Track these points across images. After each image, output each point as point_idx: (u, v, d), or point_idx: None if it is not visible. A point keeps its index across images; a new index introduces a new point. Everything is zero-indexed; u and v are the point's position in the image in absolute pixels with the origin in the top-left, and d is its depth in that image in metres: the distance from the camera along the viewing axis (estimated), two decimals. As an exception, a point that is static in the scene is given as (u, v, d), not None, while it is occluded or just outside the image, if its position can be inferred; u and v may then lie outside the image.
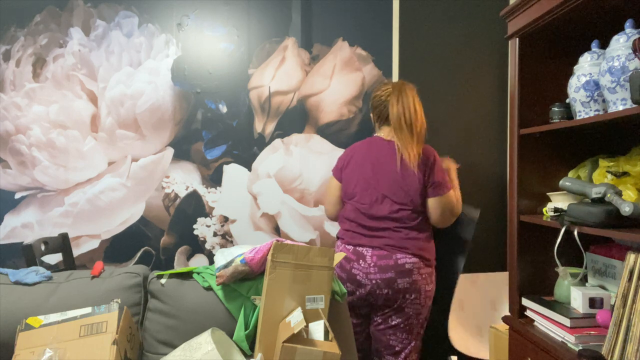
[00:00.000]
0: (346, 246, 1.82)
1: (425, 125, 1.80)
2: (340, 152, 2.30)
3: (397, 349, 1.82)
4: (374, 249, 1.76)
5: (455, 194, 1.85)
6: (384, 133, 1.85)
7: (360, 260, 1.77)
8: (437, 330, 2.30)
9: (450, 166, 1.98)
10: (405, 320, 1.79)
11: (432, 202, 1.79)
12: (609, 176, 1.55)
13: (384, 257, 1.75)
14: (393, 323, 1.80)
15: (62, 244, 1.93)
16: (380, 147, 1.82)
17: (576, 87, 1.58)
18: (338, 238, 1.91)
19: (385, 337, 1.82)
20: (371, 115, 1.92)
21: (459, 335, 2.16)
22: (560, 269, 1.66)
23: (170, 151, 2.24)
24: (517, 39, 1.77)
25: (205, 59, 2.25)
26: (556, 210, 1.65)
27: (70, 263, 1.96)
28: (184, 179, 2.25)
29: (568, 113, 1.68)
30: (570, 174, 1.78)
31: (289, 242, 1.52)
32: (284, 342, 1.30)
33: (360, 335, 1.91)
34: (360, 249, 1.78)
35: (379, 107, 1.84)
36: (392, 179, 1.77)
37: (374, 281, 1.75)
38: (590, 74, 1.56)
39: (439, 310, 2.19)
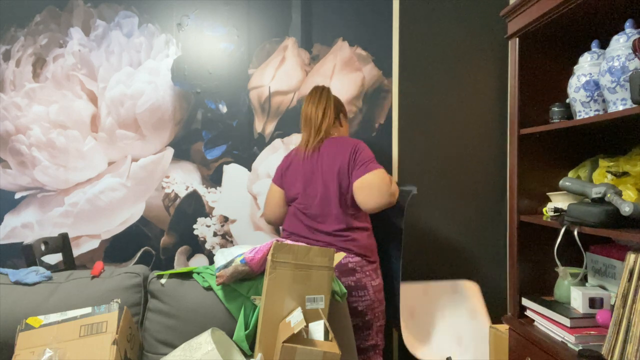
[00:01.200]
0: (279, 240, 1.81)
1: (328, 120, 1.86)
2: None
3: (363, 346, 1.84)
4: (304, 237, 1.82)
5: (383, 176, 1.75)
6: (317, 137, 1.87)
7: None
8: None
9: None
10: (362, 318, 1.81)
11: (355, 185, 1.73)
12: (609, 176, 1.55)
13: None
14: (353, 323, 1.82)
15: (62, 244, 1.93)
16: (315, 149, 1.86)
17: (576, 87, 1.58)
18: (281, 238, 1.85)
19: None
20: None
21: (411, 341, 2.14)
22: (560, 269, 1.66)
23: (170, 151, 2.24)
24: (517, 39, 1.78)
25: (205, 59, 2.25)
26: (556, 210, 1.65)
27: (70, 263, 1.96)
28: (184, 179, 2.25)
29: (568, 113, 1.68)
30: (570, 174, 1.78)
31: (288, 242, 1.52)
32: (284, 342, 1.30)
33: None
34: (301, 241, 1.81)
35: (305, 116, 1.90)
36: (325, 179, 1.80)
37: None
38: (590, 74, 1.56)
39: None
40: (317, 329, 1.41)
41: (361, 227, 1.83)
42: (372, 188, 1.72)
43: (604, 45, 1.63)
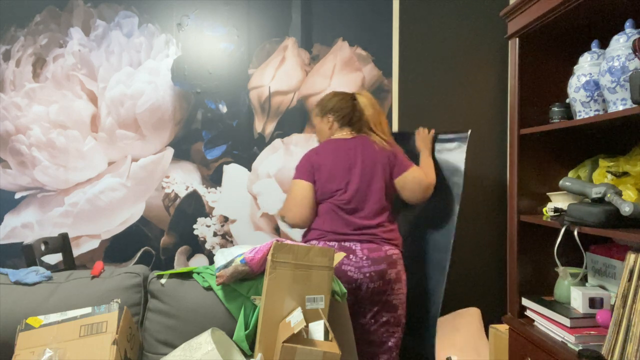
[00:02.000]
0: (327, 243, 1.79)
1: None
2: (340, 152, 2.29)
3: (390, 344, 1.83)
4: (362, 243, 1.77)
5: (421, 171, 1.90)
6: (345, 133, 1.90)
7: (351, 255, 1.76)
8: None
9: (424, 136, 2.04)
10: (394, 313, 1.82)
11: (397, 182, 1.85)
12: (609, 176, 1.55)
13: (375, 249, 1.76)
14: (384, 320, 1.81)
15: (62, 244, 1.93)
16: (348, 145, 1.85)
17: (576, 87, 1.58)
18: (310, 239, 1.85)
19: (376, 335, 1.83)
20: (330, 117, 1.91)
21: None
22: (560, 269, 1.66)
23: (170, 151, 2.24)
24: (517, 39, 1.77)
25: (205, 59, 2.25)
26: (556, 210, 1.65)
27: (70, 263, 1.96)
28: (184, 179, 2.25)
29: (568, 113, 1.68)
30: (570, 174, 1.77)
31: (288, 242, 1.52)
32: (284, 342, 1.30)
33: None
34: (347, 244, 1.77)
35: (345, 109, 1.90)
36: (368, 174, 1.82)
37: (367, 274, 1.75)
38: (590, 74, 1.56)
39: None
40: (317, 329, 1.41)
41: (394, 221, 1.89)
42: (420, 183, 1.86)
43: (604, 45, 1.63)
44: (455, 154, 2.00)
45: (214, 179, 2.26)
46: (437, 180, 1.96)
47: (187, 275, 1.72)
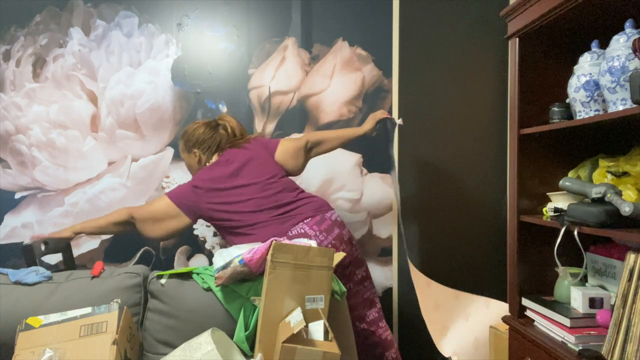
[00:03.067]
0: (277, 239, 1.73)
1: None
2: (340, 152, 2.29)
3: (370, 297, 1.89)
4: (305, 222, 1.77)
5: (289, 140, 1.94)
6: (214, 158, 1.90)
7: (303, 239, 1.74)
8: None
9: (374, 115, 2.01)
10: (363, 266, 1.87)
11: (277, 159, 1.90)
12: (609, 176, 1.55)
13: (320, 221, 1.78)
14: (359, 277, 1.86)
15: (62, 244, 1.93)
16: (222, 165, 1.84)
17: (576, 87, 1.58)
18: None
19: (359, 295, 1.86)
20: (196, 152, 1.91)
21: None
22: (560, 269, 1.66)
23: (170, 151, 2.24)
24: (517, 39, 1.77)
25: (205, 59, 2.25)
26: (556, 210, 1.65)
27: (70, 263, 1.96)
28: (184, 179, 2.25)
29: (568, 113, 1.68)
30: (570, 174, 1.77)
31: (287, 241, 1.52)
32: (284, 342, 1.30)
33: None
34: (295, 230, 1.76)
35: (208, 140, 1.90)
36: (254, 173, 1.83)
37: (329, 245, 1.76)
38: (590, 74, 1.56)
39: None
40: (317, 329, 1.41)
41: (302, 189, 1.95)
42: (294, 149, 1.93)
43: (604, 45, 1.62)
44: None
45: (214, 179, 2.26)
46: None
47: (187, 276, 1.72)
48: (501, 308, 2.15)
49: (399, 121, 1.99)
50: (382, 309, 2.04)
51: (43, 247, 1.84)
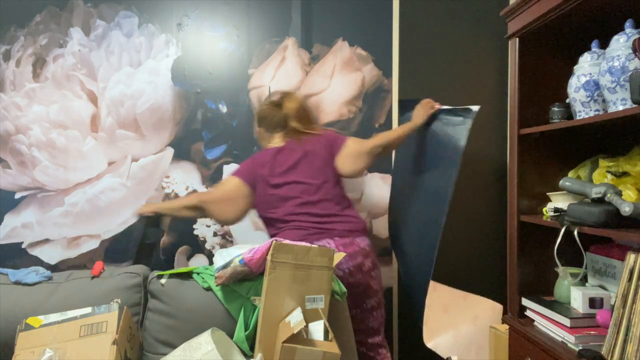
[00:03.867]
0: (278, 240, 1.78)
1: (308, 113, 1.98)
2: (340, 152, 2.29)
3: (375, 327, 1.87)
4: (334, 240, 1.77)
5: (357, 140, 1.90)
6: (276, 140, 1.92)
7: None
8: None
9: (423, 108, 1.94)
10: (375, 296, 1.85)
11: (338, 160, 1.87)
12: (609, 176, 1.55)
13: (348, 244, 1.77)
14: (369, 306, 1.84)
15: (159, 235, 2.01)
16: (280, 151, 1.87)
17: (576, 87, 1.58)
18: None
19: (364, 322, 1.85)
20: (259, 130, 1.98)
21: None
22: (560, 269, 1.66)
23: (170, 151, 2.24)
24: (517, 39, 1.77)
25: (205, 59, 2.25)
26: (556, 210, 1.65)
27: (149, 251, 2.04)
28: (184, 179, 2.25)
29: (568, 113, 1.68)
30: (570, 174, 1.78)
31: (288, 242, 1.52)
32: (284, 342, 1.30)
33: None
34: (319, 243, 1.76)
35: (268, 118, 1.93)
36: (310, 170, 1.83)
37: (346, 270, 1.76)
38: (590, 74, 1.56)
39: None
40: (317, 329, 1.41)
41: (352, 206, 1.93)
42: (359, 152, 1.89)
43: (604, 45, 1.63)
44: (458, 129, 1.85)
45: (214, 179, 2.26)
46: (428, 154, 1.90)
47: (187, 276, 1.73)
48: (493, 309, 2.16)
49: (475, 108, 1.79)
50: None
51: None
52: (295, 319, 1.37)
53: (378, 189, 2.32)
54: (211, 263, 2.25)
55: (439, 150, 1.88)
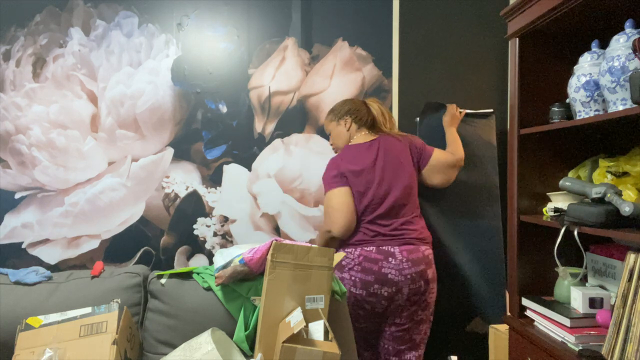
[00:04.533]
0: (364, 248, 1.79)
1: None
2: (340, 152, 2.29)
3: (417, 341, 1.85)
4: (400, 245, 1.78)
5: (443, 152, 1.99)
6: (363, 134, 1.94)
7: (390, 258, 1.76)
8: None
9: (454, 114, 2.12)
10: (427, 310, 1.84)
11: (426, 170, 1.94)
12: (609, 176, 1.55)
13: (413, 250, 1.78)
14: (419, 318, 1.83)
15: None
16: (368, 149, 1.88)
17: (576, 87, 1.58)
18: (346, 245, 1.84)
19: (408, 334, 1.83)
20: (347, 119, 1.96)
21: None
22: (560, 269, 1.66)
23: (170, 151, 2.24)
24: (517, 39, 1.78)
25: (205, 59, 2.25)
26: (556, 210, 1.65)
27: None
28: (184, 179, 2.25)
29: (568, 113, 1.68)
30: (570, 174, 1.78)
31: (288, 241, 1.52)
32: (284, 342, 1.30)
33: (372, 334, 1.90)
34: (384, 247, 1.78)
35: (361, 111, 1.96)
36: (395, 171, 1.84)
37: (408, 276, 1.75)
38: (590, 74, 1.56)
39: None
40: (317, 329, 1.41)
41: (421, 216, 1.94)
42: (448, 163, 2.00)
43: (604, 45, 1.63)
44: (486, 129, 2.13)
45: (214, 179, 2.27)
46: (471, 157, 2.06)
47: (187, 276, 1.73)
48: None
49: (490, 111, 2.15)
50: None
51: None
52: (295, 319, 1.37)
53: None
54: (211, 263, 2.25)
55: (474, 149, 2.15)
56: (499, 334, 1.97)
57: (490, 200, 2.15)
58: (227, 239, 2.28)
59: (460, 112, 2.15)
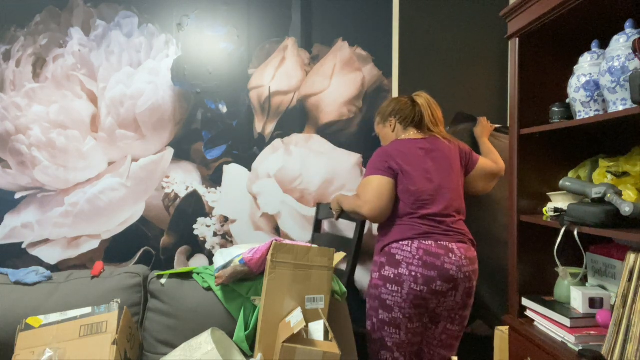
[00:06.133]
0: (422, 242, 1.71)
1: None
2: (340, 152, 2.29)
3: (454, 343, 1.83)
4: (457, 243, 1.74)
5: (487, 160, 2.00)
6: (411, 134, 1.89)
7: (450, 254, 1.70)
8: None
9: (486, 125, 2.15)
10: (468, 310, 1.81)
11: (473, 175, 1.93)
12: (609, 176, 1.55)
13: (468, 249, 1.75)
14: (458, 318, 1.79)
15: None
16: (419, 145, 1.84)
17: (576, 87, 1.58)
18: (394, 242, 1.75)
19: (445, 333, 1.80)
20: (392, 120, 1.93)
21: None
22: (560, 269, 1.66)
23: (170, 151, 2.24)
24: (517, 39, 1.77)
25: (205, 59, 2.25)
26: (556, 210, 1.64)
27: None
28: (184, 179, 2.25)
29: (568, 113, 1.68)
30: (570, 174, 1.77)
31: (288, 242, 1.52)
32: (284, 342, 1.30)
33: (420, 336, 1.81)
34: (443, 243, 1.72)
35: (405, 110, 1.91)
36: (447, 172, 1.81)
37: (467, 273, 1.72)
38: (590, 74, 1.55)
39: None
40: (317, 329, 1.41)
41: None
42: (492, 171, 2.00)
43: (604, 45, 1.62)
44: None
45: (214, 179, 2.27)
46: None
47: (187, 276, 1.73)
48: None
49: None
50: None
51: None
52: (295, 319, 1.37)
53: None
54: (211, 263, 2.25)
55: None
56: (504, 336, 1.97)
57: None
58: (227, 239, 2.28)
59: (491, 126, 2.18)
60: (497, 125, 2.23)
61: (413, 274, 1.68)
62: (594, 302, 1.52)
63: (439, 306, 1.74)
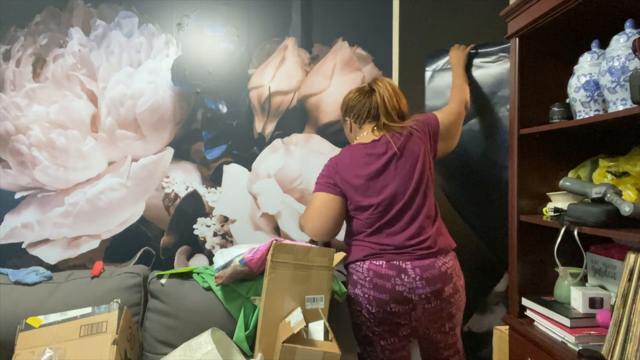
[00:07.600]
0: (373, 262, 1.62)
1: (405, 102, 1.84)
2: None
3: (451, 342, 1.80)
4: (412, 261, 1.61)
5: (445, 109, 1.89)
6: (365, 133, 1.77)
7: (402, 275, 1.59)
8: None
9: (458, 53, 2.02)
10: (456, 319, 1.75)
11: (442, 136, 1.81)
12: (609, 176, 1.55)
13: (427, 267, 1.61)
14: (447, 329, 1.73)
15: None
16: (372, 149, 1.72)
17: (576, 87, 1.58)
18: (351, 262, 1.69)
19: (443, 342, 1.77)
20: (347, 120, 1.85)
21: None
22: (560, 269, 1.66)
23: (170, 151, 2.24)
24: (517, 39, 1.77)
25: (205, 59, 2.25)
26: (556, 210, 1.65)
27: None
28: (184, 179, 2.25)
29: (568, 113, 1.68)
30: (570, 174, 1.77)
31: (288, 242, 1.52)
32: (284, 342, 1.30)
33: (401, 351, 1.74)
34: (395, 262, 1.61)
35: (359, 105, 1.79)
36: (406, 173, 1.67)
37: (422, 296, 1.60)
38: (590, 74, 1.56)
39: None
40: (317, 329, 1.41)
41: (438, 216, 1.76)
42: (456, 115, 1.89)
43: (604, 45, 1.62)
44: (496, 66, 1.96)
45: (214, 179, 2.27)
46: (480, 100, 1.93)
47: (187, 275, 1.73)
48: None
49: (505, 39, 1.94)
50: None
51: None
52: (295, 319, 1.37)
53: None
54: (211, 263, 2.25)
55: (488, 92, 2.00)
56: (503, 336, 1.97)
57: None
58: (227, 239, 2.28)
59: (464, 48, 2.03)
60: (472, 45, 2.04)
61: (366, 296, 1.62)
62: (594, 302, 1.52)
63: (413, 321, 1.66)
